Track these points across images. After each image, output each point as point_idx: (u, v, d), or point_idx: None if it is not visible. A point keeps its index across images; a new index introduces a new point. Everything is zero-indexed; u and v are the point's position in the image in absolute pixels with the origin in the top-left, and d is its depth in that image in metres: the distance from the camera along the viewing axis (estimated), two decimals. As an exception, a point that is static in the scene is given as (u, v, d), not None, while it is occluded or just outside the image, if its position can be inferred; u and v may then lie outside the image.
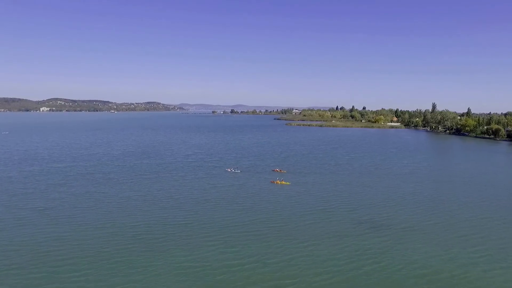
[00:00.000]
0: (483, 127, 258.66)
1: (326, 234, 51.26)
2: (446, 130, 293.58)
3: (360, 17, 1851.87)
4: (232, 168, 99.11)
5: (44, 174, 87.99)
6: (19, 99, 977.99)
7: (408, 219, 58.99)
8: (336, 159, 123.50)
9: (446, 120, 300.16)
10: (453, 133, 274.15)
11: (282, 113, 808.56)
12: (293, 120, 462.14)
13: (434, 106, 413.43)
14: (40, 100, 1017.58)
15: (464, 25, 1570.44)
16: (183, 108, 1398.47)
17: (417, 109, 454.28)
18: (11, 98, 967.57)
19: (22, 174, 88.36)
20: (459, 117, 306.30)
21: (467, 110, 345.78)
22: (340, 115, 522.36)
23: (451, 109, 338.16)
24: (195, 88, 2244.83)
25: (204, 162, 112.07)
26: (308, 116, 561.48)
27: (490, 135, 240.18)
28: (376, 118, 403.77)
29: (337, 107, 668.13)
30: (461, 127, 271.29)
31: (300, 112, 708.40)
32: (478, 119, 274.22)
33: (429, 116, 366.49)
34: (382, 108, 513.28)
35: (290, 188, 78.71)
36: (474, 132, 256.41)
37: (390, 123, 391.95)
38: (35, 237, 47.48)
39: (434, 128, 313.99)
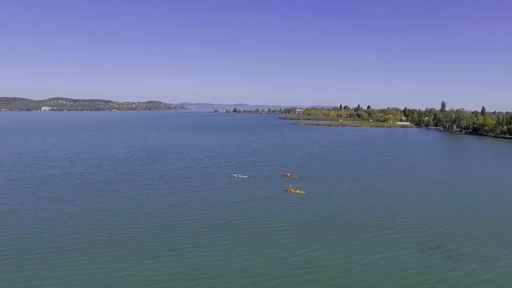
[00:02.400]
0: (503, 126, 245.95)
1: (395, 269, 38.73)
2: (461, 130, 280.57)
3: (361, 16, 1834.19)
4: (239, 174, 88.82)
5: (36, 184, 75.42)
6: (20, 99, 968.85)
7: (491, 247, 46.24)
8: (366, 163, 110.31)
9: (462, 119, 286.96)
10: (470, 133, 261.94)
11: (285, 112, 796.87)
12: (299, 120, 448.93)
13: (443, 105, 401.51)
14: (41, 99, 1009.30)
15: (467, 24, 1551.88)
16: (184, 107, 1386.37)
17: (427, 108, 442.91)
18: (12, 98, 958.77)
19: (10, 184, 75.83)
20: (475, 116, 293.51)
21: (481, 109, 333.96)
22: (346, 114, 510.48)
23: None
24: (196, 87, 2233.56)
25: (219, 168, 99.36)
26: (313, 115, 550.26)
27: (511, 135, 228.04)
28: (385, 117, 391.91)
29: (340, 106, 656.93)
30: (479, 127, 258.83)
31: (304, 111, 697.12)
32: (498, 118, 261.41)
33: (441, 115, 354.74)
34: (388, 107, 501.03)
35: (312, 199, 66.36)
36: (493, 132, 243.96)
37: (400, 123, 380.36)
38: (16, 278, 35.11)
39: (448, 128, 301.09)
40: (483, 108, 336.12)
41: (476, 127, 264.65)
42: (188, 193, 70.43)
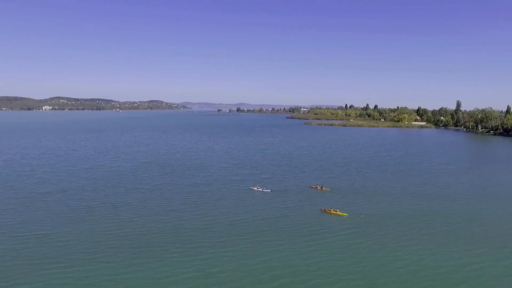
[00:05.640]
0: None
1: None
2: (489, 131, 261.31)
3: (360, 15, 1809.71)
4: (260, 187, 72.15)
5: (18, 210, 55.06)
6: (22, 98, 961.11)
7: None
8: (427, 173, 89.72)
9: (490, 119, 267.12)
10: (500, 134, 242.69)
11: (290, 111, 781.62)
12: (309, 119, 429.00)
13: (458, 104, 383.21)
14: (42, 98, 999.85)
15: (467, 23, 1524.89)
16: (186, 107, 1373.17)
17: (442, 108, 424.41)
18: (13, 97, 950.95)
19: (-17, 208, 56.28)
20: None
21: (506, 108, 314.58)
22: (355, 114, 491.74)
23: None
24: (198, 86, 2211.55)
25: (251, 181, 79.45)
26: (320, 114, 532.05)
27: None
28: (400, 117, 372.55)
29: (346, 105, 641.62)
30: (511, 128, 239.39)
31: (308, 111, 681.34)
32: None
33: (460, 115, 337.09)
34: (398, 107, 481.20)
35: (363, 227, 46.67)
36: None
37: (417, 123, 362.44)
38: None
39: (472, 128, 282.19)
40: (508, 108, 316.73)
41: (506, 127, 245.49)
42: (227, 226, 50.56)
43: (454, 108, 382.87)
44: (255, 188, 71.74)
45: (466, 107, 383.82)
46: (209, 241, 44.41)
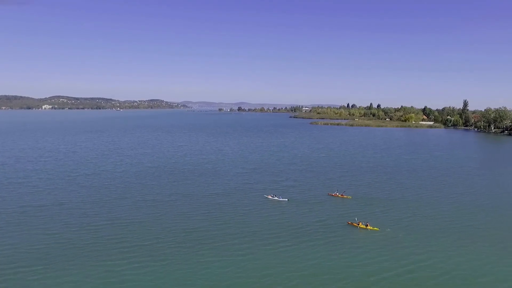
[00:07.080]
0: None
1: None
2: (502, 131, 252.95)
3: (357, 14, 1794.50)
4: (275, 195, 65.43)
5: (6, 231, 45.58)
6: (21, 97, 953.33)
7: None
8: (466, 180, 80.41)
9: (504, 119, 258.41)
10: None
11: (292, 110, 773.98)
12: (314, 119, 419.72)
13: (465, 104, 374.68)
14: (42, 98, 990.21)
15: (468, 23, 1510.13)
16: (186, 106, 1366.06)
17: (449, 106, 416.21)
18: (13, 96, 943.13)
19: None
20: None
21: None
22: (359, 113, 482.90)
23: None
24: (198, 85, 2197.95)
25: (276, 190, 70.15)
26: (323, 113, 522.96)
27: None
28: (406, 117, 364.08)
29: (348, 104, 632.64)
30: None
31: (311, 110, 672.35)
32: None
33: (469, 114, 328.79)
34: (402, 106, 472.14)
35: (400, 245, 37.86)
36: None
37: (425, 122, 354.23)
38: None
39: (483, 128, 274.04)
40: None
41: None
42: (253, 247, 41.28)
43: (461, 108, 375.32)
44: (269, 197, 64.81)
45: (469, 106, 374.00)
46: (228, 261, 35.28)
